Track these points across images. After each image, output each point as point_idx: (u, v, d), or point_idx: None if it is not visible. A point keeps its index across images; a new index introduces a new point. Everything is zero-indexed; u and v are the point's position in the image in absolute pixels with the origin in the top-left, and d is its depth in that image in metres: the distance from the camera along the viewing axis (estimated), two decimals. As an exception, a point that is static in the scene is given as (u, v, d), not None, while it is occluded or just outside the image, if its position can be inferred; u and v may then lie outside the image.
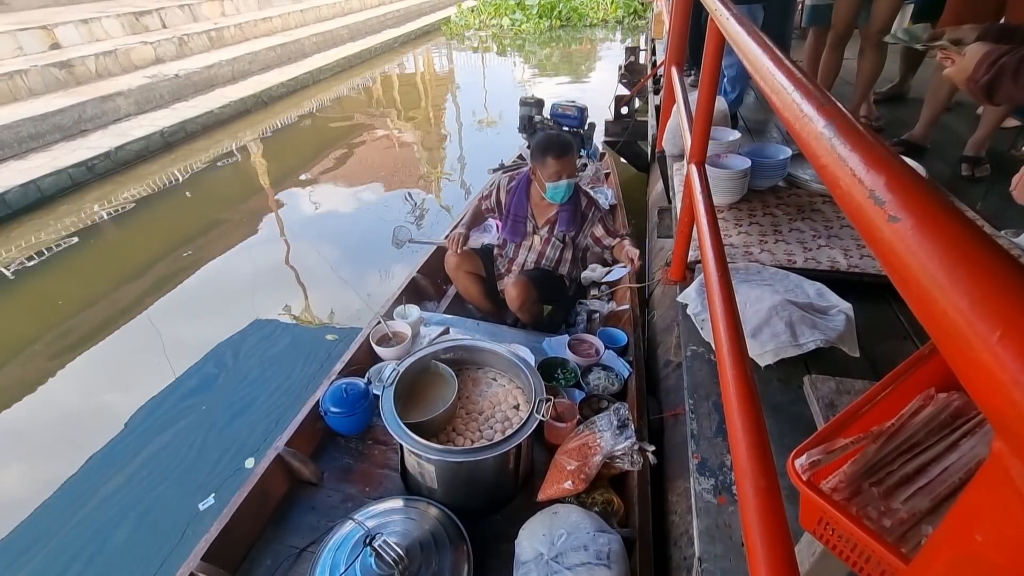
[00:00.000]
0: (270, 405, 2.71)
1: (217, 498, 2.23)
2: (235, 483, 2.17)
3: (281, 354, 3.09)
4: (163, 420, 2.67)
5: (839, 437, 0.70)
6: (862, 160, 0.43)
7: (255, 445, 2.47)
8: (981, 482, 0.31)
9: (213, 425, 2.61)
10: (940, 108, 2.37)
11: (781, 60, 0.71)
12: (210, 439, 2.54)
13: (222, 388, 2.86)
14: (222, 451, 2.47)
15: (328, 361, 2.76)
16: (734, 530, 1.07)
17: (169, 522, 2.18)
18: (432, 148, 6.72)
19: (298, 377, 2.88)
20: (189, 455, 2.47)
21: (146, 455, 2.48)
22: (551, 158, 2.14)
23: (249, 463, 2.38)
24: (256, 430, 2.57)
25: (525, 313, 2.38)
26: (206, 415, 2.68)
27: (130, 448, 2.53)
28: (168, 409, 2.74)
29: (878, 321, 1.53)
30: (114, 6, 8.86)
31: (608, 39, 12.69)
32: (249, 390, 2.82)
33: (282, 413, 2.61)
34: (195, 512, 2.18)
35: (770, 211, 2.06)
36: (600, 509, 1.51)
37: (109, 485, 2.36)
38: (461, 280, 2.54)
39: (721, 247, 1.14)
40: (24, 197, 4.76)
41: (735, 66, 2.92)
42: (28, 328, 3.51)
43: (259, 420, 2.63)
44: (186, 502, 2.23)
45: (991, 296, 0.28)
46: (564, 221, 2.33)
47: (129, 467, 2.44)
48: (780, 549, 0.61)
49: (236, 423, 2.62)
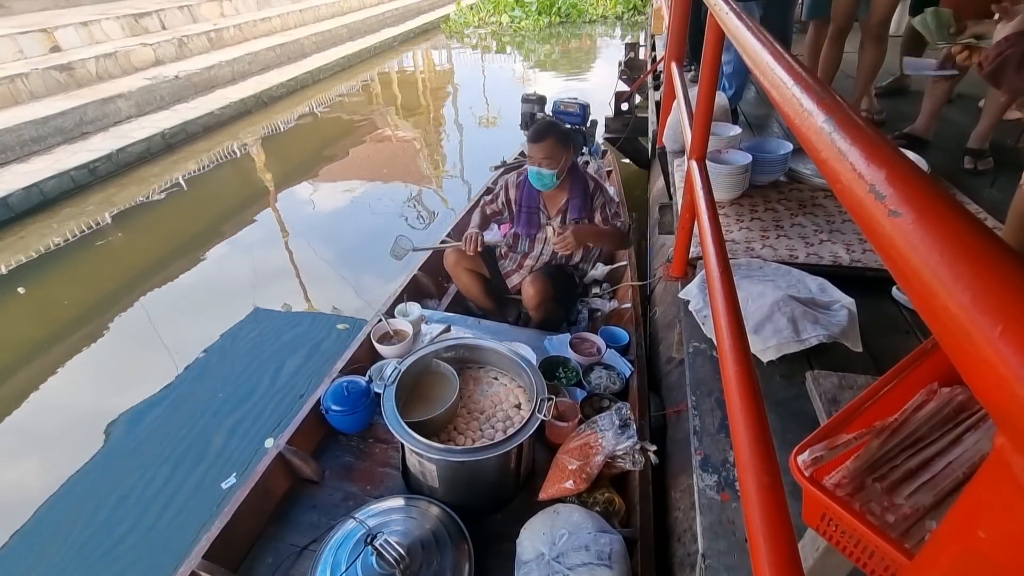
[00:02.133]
0: (284, 389, 2.86)
1: (238, 476, 2.36)
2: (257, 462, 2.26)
3: (294, 339, 3.25)
4: (183, 405, 2.82)
5: (842, 433, 0.69)
6: (862, 154, 0.42)
7: (273, 426, 2.62)
8: (983, 479, 0.31)
9: (231, 409, 2.76)
10: (941, 100, 2.36)
11: (780, 54, 0.70)
12: (228, 422, 2.68)
13: (236, 375, 2.99)
14: (241, 434, 2.61)
15: (338, 342, 3.03)
16: (737, 526, 1.07)
17: (196, 501, 2.30)
18: (433, 146, 6.72)
19: (310, 363, 3.04)
20: (214, 437, 2.61)
21: (169, 438, 2.62)
22: (529, 143, 2.22)
23: (268, 443, 2.50)
24: (277, 411, 2.73)
25: (539, 312, 2.35)
26: (223, 402, 2.81)
27: (155, 432, 2.67)
28: (186, 397, 2.88)
29: (881, 316, 1.53)
30: (114, 8, 8.86)
31: (608, 35, 12.65)
32: (262, 375, 2.96)
33: (295, 397, 2.78)
34: (218, 491, 2.31)
35: (771, 206, 2.05)
36: (601, 509, 1.51)
37: (137, 465, 2.49)
38: (462, 278, 2.54)
39: (722, 243, 1.14)
40: (27, 200, 4.78)
41: (733, 62, 2.90)
42: (75, 308, 3.73)
43: (275, 403, 2.78)
44: (210, 482, 2.37)
45: (993, 291, 0.28)
46: (576, 208, 2.33)
47: (156, 448, 2.57)
48: (783, 545, 0.61)
49: (250, 407, 2.76)
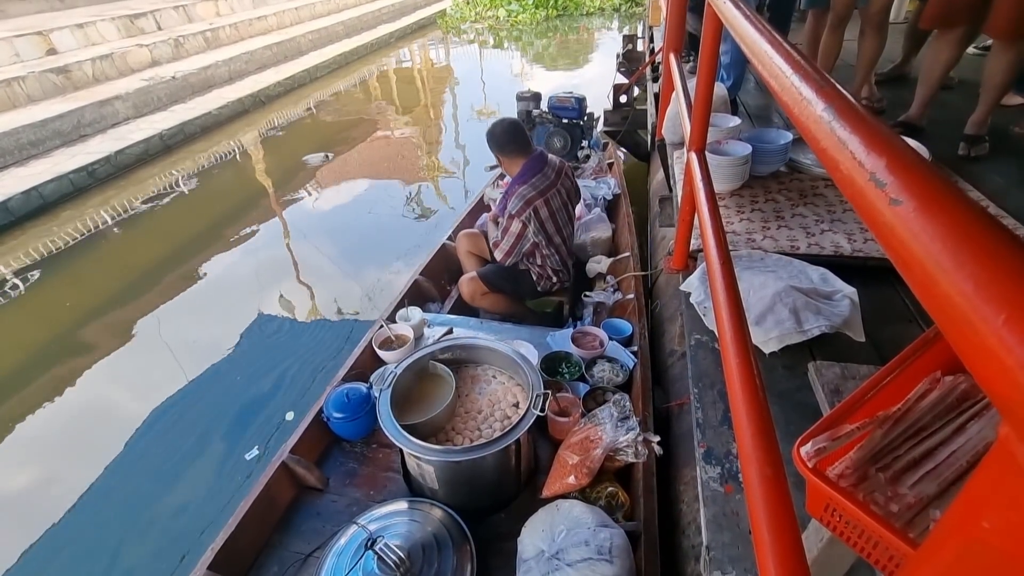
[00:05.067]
0: (302, 369, 3.07)
1: (260, 450, 2.54)
2: (280, 436, 2.52)
3: (308, 327, 3.46)
4: (207, 387, 3.03)
5: (845, 423, 0.69)
6: (862, 142, 0.42)
7: (294, 400, 2.82)
8: (987, 469, 0.30)
9: (251, 389, 2.96)
10: (935, 87, 2.33)
11: (779, 43, 0.70)
12: (250, 401, 2.88)
13: (255, 359, 3.20)
14: (260, 410, 2.80)
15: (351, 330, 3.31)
16: (741, 518, 1.07)
17: (222, 473, 2.50)
18: (431, 144, 6.70)
19: (321, 349, 3.23)
20: (238, 414, 2.81)
21: (195, 417, 2.83)
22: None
23: (289, 416, 2.71)
24: (294, 388, 2.92)
25: (480, 303, 2.53)
26: (242, 384, 3.01)
27: (185, 409, 2.88)
28: (211, 378, 3.08)
29: (883, 305, 1.52)
30: (109, 9, 8.84)
31: (605, 27, 12.59)
32: (279, 360, 3.15)
33: (311, 378, 2.99)
34: (243, 462, 2.50)
35: (772, 197, 2.04)
36: (605, 503, 1.50)
37: (172, 441, 2.69)
38: (469, 264, 2.68)
39: (723, 235, 1.13)
40: (26, 204, 4.79)
41: (731, 52, 2.88)
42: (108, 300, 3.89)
43: (295, 382, 2.97)
44: (235, 453, 2.57)
45: (996, 278, 0.28)
46: (501, 202, 2.47)
47: (184, 424, 2.78)
48: (787, 536, 0.60)
49: (269, 387, 2.95)
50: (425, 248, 3.06)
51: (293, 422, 2.03)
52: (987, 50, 3.42)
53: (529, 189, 2.30)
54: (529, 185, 2.30)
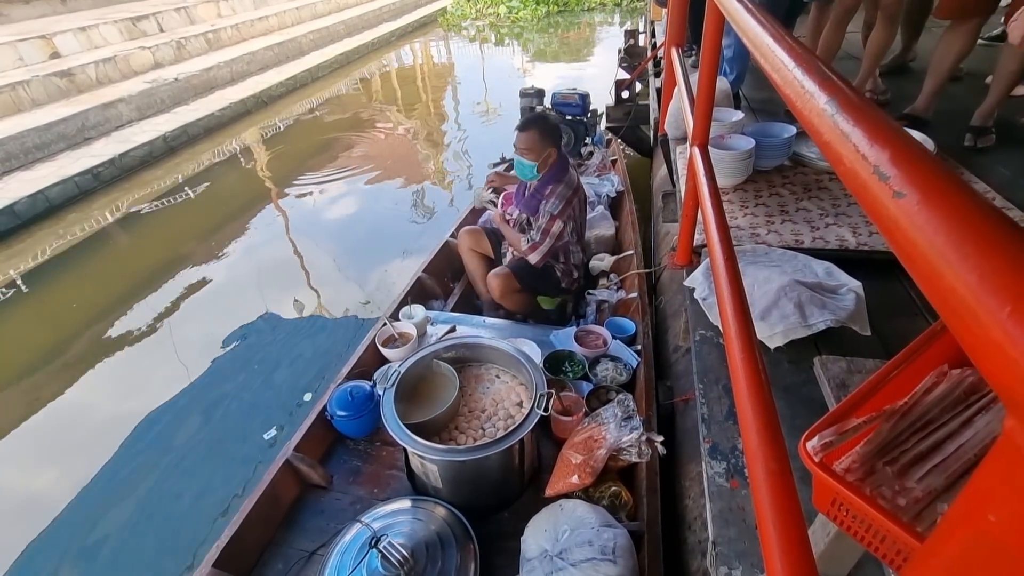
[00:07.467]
0: (317, 354, 3.17)
1: (278, 430, 2.63)
2: (298, 416, 2.56)
3: (311, 324, 3.51)
4: (229, 369, 3.13)
5: (851, 417, 0.69)
6: (865, 135, 0.42)
7: (310, 383, 2.91)
8: (993, 462, 0.30)
9: (274, 371, 3.07)
10: (945, 78, 2.30)
11: (781, 36, 0.69)
12: (269, 383, 2.98)
13: (270, 348, 3.28)
14: (260, 412, 2.83)
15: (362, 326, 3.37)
16: (747, 513, 1.07)
17: (241, 453, 2.58)
18: (433, 142, 6.70)
19: (334, 337, 3.33)
20: (260, 394, 2.91)
21: (216, 400, 2.93)
22: (516, 131, 2.34)
23: (307, 397, 2.80)
24: (308, 373, 3.01)
25: (506, 301, 2.47)
26: (261, 368, 3.11)
27: (206, 392, 2.98)
28: (230, 363, 3.18)
29: (889, 299, 1.51)
30: (111, 12, 8.87)
31: (607, 22, 12.54)
32: (295, 346, 3.26)
33: (324, 364, 3.06)
34: (261, 442, 2.59)
35: (776, 191, 2.03)
36: (608, 503, 1.50)
37: (193, 425, 2.78)
38: (471, 260, 2.67)
39: (727, 230, 1.13)
40: (32, 207, 4.82)
41: (734, 45, 2.86)
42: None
43: (311, 366, 3.07)
44: (254, 433, 2.66)
45: (1001, 271, 0.28)
46: (520, 201, 2.48)
47: (206, 408, 2.86)
48: (793, 531, 0.60)
49: (289, 371, 3.06)
50: (427, 246, 3.06)
51: (297, 420, 2.03)
52: (996, 40, 3.39)
53: (566, 189, 2.31)
54: (564, 184, 2.32)
